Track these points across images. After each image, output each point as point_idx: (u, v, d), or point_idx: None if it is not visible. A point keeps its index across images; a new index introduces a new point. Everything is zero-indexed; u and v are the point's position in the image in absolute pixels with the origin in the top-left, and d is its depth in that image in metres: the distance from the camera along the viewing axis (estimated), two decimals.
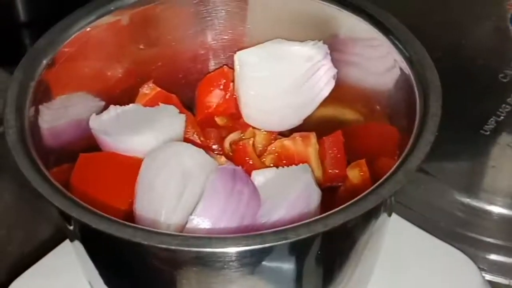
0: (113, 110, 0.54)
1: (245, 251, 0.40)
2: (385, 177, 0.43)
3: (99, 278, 0.49)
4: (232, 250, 0.39)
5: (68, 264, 0.56)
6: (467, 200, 0.63)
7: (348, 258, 0.48)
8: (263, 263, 0.42)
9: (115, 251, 0.45)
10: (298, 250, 0.43)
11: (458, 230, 0.64)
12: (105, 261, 0.47)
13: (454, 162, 0.65)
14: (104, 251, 0.46)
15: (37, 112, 0.49)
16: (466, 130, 0.66)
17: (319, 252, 0.44)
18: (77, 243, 0.48)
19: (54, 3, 0.55)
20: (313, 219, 0.40)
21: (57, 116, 0.51)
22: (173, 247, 0.39)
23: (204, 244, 0.39)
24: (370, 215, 0.45)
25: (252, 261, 0.42)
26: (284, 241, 0.39)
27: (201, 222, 0.45)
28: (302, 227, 0.40)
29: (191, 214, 0.45)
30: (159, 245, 0.39)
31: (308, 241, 0.42)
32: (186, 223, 0.45)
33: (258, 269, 0.42)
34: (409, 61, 0.50)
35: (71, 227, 0.46)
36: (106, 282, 0.49)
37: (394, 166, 0.43)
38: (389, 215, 0.50)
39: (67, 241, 0.59)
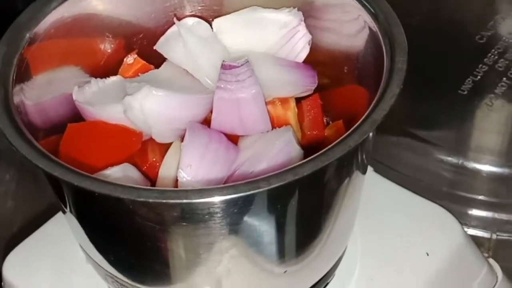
0: (95, 82, 0.56)
1: (221, 202, 0.42)
2: (352, 128, 0.45)
3: (88, 240, 0.51)
4: (207, 200, 0.41)
5: (63, 233, 0.59)
6: (447, 158, 0.65)
7: (323, 211, 0.49)
8: (241, 214, 0.44)
9: (99, 211, 0.47)
10: (274, 201, 0.45)
11: (440, 188, 0.66)
12: (91, 222, 0.49)
13: (434, 122, 0.67)
14: (89, 212, 0.48)
15: (22, 88, 0.50)
16: (445, 91, 0.67)
17: (294, 204, 0.46)
18: (65, 208, 0.50)
19: None
20: (284, 169, 0.42)
21: (43, 92, 0.53)
22: (151, 200, 0.41)
23: (180, 196, 0.41)
24: (342, 166, 0.47)
25: (228, 213, 0.44)
26: (256, 191, 0.41)
27: (186, 176, 0.47)
28: (273, 176, 0.42)
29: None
30: (138, 199, 0.41)
31: (282, 192, 0.44)
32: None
33: (235, 221, 0.44)
34: (377, 20, 0.51)
35: (58, 192, 0.48)
36: (95, 244, 0.51)
37: (362, 118, 0.45)
38: (363, 172, 0.52)
39: (60, 212, 0.61)
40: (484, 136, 0.65)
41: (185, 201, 0.41)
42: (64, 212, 0.51)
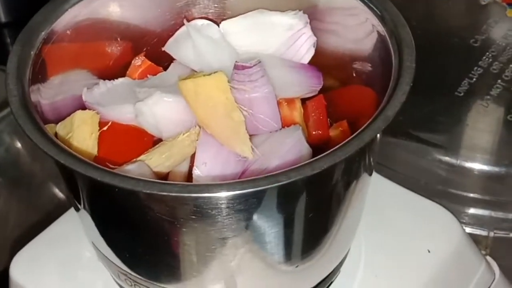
0: (103, 84, 0.57)
1: (240, 195, 0.43)
2: (365, 124, 0.46)
3: (101, 238, 0.52)
4: (227, 193, 0.42)
5: (71, 233, 0.60)
6: (445, 158, 0.67)
7: (334, 208, 0.51)
8: (256, 209, 0.45)
9: (116, 207, 0.48)
10: (290, 195, 0.46)
11: (438, 187, 0.67)
12: (107, 218, 0.50)
13: (431, 123, 0.68)
14: (106, 208, 0.49)
15: (37, 87, 0.51)
16: (441, 93, 0.69)
17: (308, 200, 0.47)
18: (79, 204, 0.51)
19: (34, 3, 0.58)
20: (301, 163, 0.44)
21: (56, 92, 0.54)
22: (173, 194, 0.42)
23: (202, 189, 0.42)
24: (353, 164, 0.49)
25: (245, 207, 0.45)
26: (275, 184, 0.42)
27: (201, 174, 0.48)
28: (292, 171, 0.43)
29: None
30: (161, 193, 0.42)
31: (298, 185, 0.45)
32: None
33: (252, 215, 0.46)
34: (384, 22, 0.53)
35: (74, 188, 0.49)
36: (108, 241, 0.52)
37: (374, 115, 0.46)
38: (370, 173, 0.53)
39: (66, 214, 0.62)
40: (480, 136, 0.67)
41: (206, 194, 0.42)
42: (77, 210, 0.52)
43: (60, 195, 0.81)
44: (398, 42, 0.51)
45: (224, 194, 0.42)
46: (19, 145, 0.79)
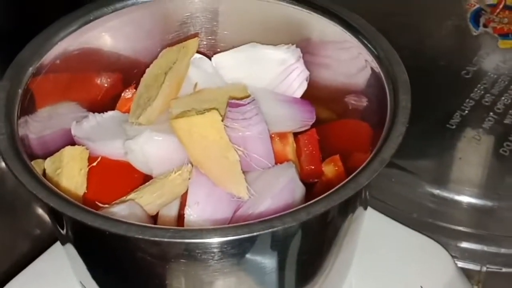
0: (93, 117, 0.57)
1: (233, 241, 0.42)
2: (362, 166, 0.45)
3: (90, 278, 0.51)
4: (221, 239, 0.41)
5: (58, 267, 0.58)
6: (437, 191, 0.66)
7: (328, 248, 0.50)
8: (250, 252, 0.44)
9: (107, 249, 0.47)
10: (283, 239, 0.45)
11: (430, 220, 0.67)
12: (97, 259, 0.49)
13: (423, 156, 0.68)
14: (96, 250, 0.48)
15: (25, 121, 0.50)
16: (433, 125, 0.69)
17: (302, 242, 0.46)
18: (68, 245, 0.50)
19: (18, 20, 0.56)
20: (296, 208, 0.43)
21: (45, 126, 0.53)
22: (166, 240, 0.41)
23: (195, 235, 0.41)
24: (349, 204, 0.48)
25: (238, 251, 0.44)
26: (270, 230, 0.42)
27: (193, 213, 0.47)
28: (287, 216, 0.42)
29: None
30: (153, 238, 0.41)
31: (293, 230, 0.44)
32: None
33: (245, 259, 0.45)
34: (379, 59, 0.52)
35: (63, 228, 0.48)
36: (98, 281, 0.51)
37: (370, 156, 0.46)
38: (365, 208, 0.53)
39: (56, 245, 0.61)
40: (472, 169, 0.67)
41: (199, 240, 0.41)
42: (63, 244, 0.51)
43: (46, 218, 0.79)
44: (393, 80, 0.51)
45: (217, 240, 0.42)
46: (3, 165, 0.77)
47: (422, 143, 0.68)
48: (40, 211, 0.79)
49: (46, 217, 0.79)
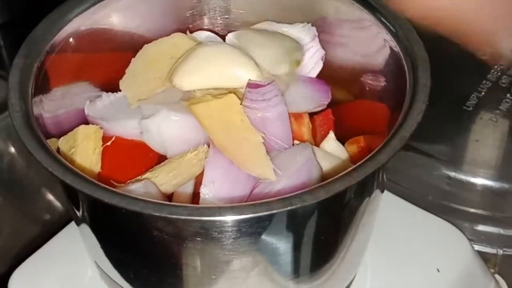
0: (106, 97, 0.56)
1: (251, 219, 0.42)
2: (381, 144, 0.45)
3: (105, 257, 0.50)
4: (238, 217, 0.41)
5: (71, 248, 0.58)
6: (453, 173, 0.65)
7: (345, 229, 0.49)
8: (267, 231, 0.44)
9: (122, 228, 0.46)
10: (301, 218, 0.44)
11: (445, 203, 0.66)
12: (112, 238, 0.49)
13: (439, 138, 0.67)
14: (111, 229, 0.47)
15: (39, 100, 0.50)
16: (449, 106, 0.68)
17: (319, 221, 0.46)
18: (83, 224, 0.49)
19: (29, 4, 0.56)
20: (315, 186, 0.42)
21: (58, 106, 0.53)
22: (183, 217, 0.40)
23: (213, 213, 0.41)
24: (367, 183, 0.47)
25: (255, 230, 0.43)
26: (289, 208, 0.41)
27: (209, 193, 0.47)
28: (306, 194, 0.42)
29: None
30: (170, 216, 0.40)
31: (310, 209, 0.44)
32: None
33: (261, 238, 0.44)
34: (397, 37, 0.51)
35: (79, 207, 0.47)
36: (112, 261, 0.50)
37: (390, 134, 0.45)
38: (382, 190, 0.52)
39: (68, 227, 0.60)
40: (489, 151, 0.66)
41: (217, 218, 0.41)
42: (79, 225, 0.50)
43: (57, 203, 0.79)
44: (412, 59, 0.50)
45: (235, 218, 0.41)
46: (13, 150, 0.77)
47: (438, 125, 0.67)
48: (50, 196, 0.78)
49: (56, 202, 0.79)
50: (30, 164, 0.77)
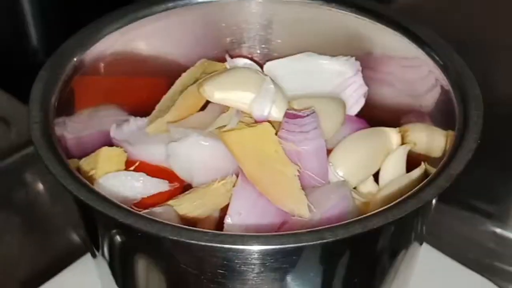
0: (134, 121, 0.54)
1: (276, 251, 0.38)
2: (426, 180, 0.41)
3: None
4: (262, 247, 0.37)
5: (84, 281, 0.55)
6: (498, 230, 0.61)
7: (380, 276, 0.45)
8: (294, 267, 0.40)
9: (137, 254, 0.43)
10: (333, 256, 0.41)
11: (489, 261, 0.62)
12: (126, 267, 0.45)
13: (486, 192, 0.63)
14: (126, 255, 0.44)
15: (62, 120, 0.47)
16: (498, 159, 0.64)
17: (353, 261, 0.42)
18: (96, 251, 0.46)
19: (68, 27, 0.54)
20: (350, 220, 0.38)
21: (83, 127, 0.50)
22: (202, 243, 0.37)
23: (235, 240, 0.37)
24: (406, 225, 0.43)
25: (283, 265, 0.39)
26: (319, 241, 0.37)
27: (235, 221, 0.43)
28: (339, 227, 0.38)
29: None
30: (189, 241, 0.37)
31: (344, 245, 0.40)
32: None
33: (288, 275, 0.40)
34: (448, 73, 0.48)
35: (94, 230, 0.44)
36: None
37: (435, 171, 0.41)
38: (420, 242, 0.48)
39: (82, 259, 0.57)
40: None
41: (240, 246, 0.37)
42: (94, 255, 0.47)
43: (77, 241, 0.77)
44: (462, 95, 0.46)
45: (259, 248, 0.37)
46: (40, 186, 0.75)
47: (485, 179, 0.63)
48: (70, 234, 0.76)
49: (75, 239, 0.76)
50: (55, 201, 0.75)
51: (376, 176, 0.52)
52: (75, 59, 0.49)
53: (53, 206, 0.75)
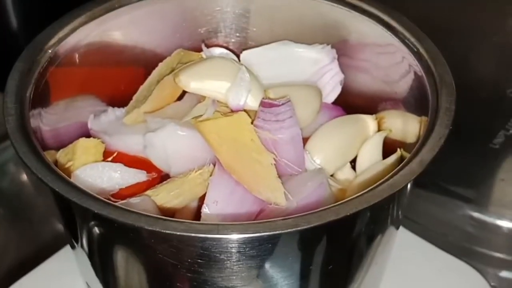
0: (112, 111, 0.54)
1: (253, 239, 0.38)
2: (397, 168, 0.41)
3: (96, 278, 0.47)
4: (239, 236, 0.38)
5: (65, 270, 0.55)
6: (476, 214, 0.62)
7: (357, 262, 0.46)
8: (271, 255, 0.40)
9: (114, 247, 0.43)
10: (309, 243, 0.41)
11: (467, 245, 0.62)
12: (104, 260, 0.45)
13: (463, 176, 0.63)
14: (103, 246, 0.44)
15: (38, 111, 0.47)
16: (475, 144, 0.64)
17: (329, 248, 0.42)
18: (75, 243, 0.46)
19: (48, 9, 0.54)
20: (324, 207, 0.39)
21: (60, 118, 0.50)
22: (178, 233, 0.37)
23: (211, 230, 0.37)
24: (382, 211, 0.44)
25: (260, 252, 0.40)
26: (294, 229, 0.38)
27: (212, 210, 0.44)
28: (313, 215, 0.38)
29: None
30: (164, 231, 0.37)
31: (319, 232, 0.40)
32: None
33: (265, 262, 0.41)
34: (421, 60, 0.48)
35: (71, 222, 0.44)
36: (104, 283, 0.47)
37: (408, 158, 0.42)
38: (397, 227, 0.49)
39: (63, 249, 0.58)
40: None
41: (215, 236, 0.37)
42: (72, 247, 0.47)
43: (61, 230, 0.77)
44: (435, 82, 0.47)
45: (235, 237, 0.38)
46: (24, 176, 0.75)
47: (462, 163, 0.63)
48: (55, 224, 0.76)
49: (60, 229, 0.76)
50: (39, 190, 0.75)
51: (353, 163, 0.52)
52: (50, 50, 0.49)
53: (37, 196, 0.75)
